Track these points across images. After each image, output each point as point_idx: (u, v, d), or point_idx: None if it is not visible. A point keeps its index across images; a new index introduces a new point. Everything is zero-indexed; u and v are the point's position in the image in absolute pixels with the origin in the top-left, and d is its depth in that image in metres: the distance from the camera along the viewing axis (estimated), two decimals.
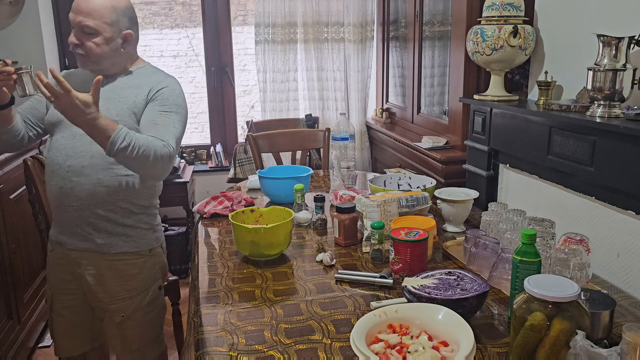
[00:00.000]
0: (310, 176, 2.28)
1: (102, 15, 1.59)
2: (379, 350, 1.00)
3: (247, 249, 1.60)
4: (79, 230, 1.66)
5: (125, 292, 1.70)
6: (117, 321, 1.70)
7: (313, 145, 3.08)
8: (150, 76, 1.72)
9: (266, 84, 3.77)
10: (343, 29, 3.81)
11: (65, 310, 1.76)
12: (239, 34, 4.09)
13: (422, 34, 3.12)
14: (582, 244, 1.34)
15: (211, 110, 4.03)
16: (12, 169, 2.46)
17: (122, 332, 1.73)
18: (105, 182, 1.62)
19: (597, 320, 1.09)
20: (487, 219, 1.65)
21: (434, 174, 2.64)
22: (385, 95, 3.87)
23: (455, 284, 1.22)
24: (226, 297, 1.39)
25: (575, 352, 0.92)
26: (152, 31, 4.00)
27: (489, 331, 1.18)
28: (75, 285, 1.72)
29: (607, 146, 1.56)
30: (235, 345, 1.16)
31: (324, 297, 1.37)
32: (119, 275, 1.69)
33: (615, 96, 1.61)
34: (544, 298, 0.98)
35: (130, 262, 1.70)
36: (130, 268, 1.70)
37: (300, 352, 1.12)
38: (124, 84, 1.69)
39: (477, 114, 2.30)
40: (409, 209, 1.75)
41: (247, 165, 3.53)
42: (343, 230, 1.69)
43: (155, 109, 1.63)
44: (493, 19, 2.15)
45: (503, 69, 2.24)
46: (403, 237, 1.43)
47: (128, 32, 1.66)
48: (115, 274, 1.69)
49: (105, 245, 1.66)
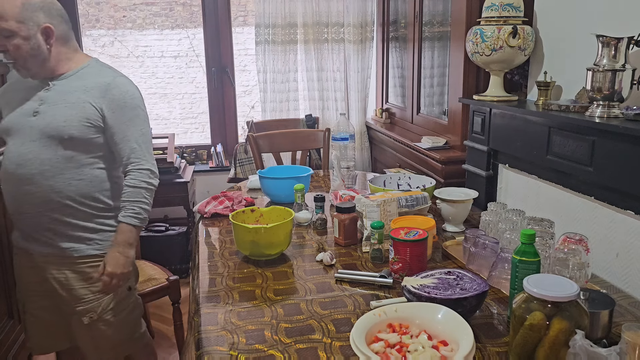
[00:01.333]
0: (310, 176, 2.29)
1: (12, 14, 1.53)
2: (378, 349, 1.01)
3: (248, 249, 1.61)
4: (39, 236, 1.65)
5: (91, 294, 1.69)
6: (85, 323, 1.69)
7: (313, 145, 3.09)
8: (96, 76, 1.66)
9: (266, 84, 3.78)
10: (343, 30, 3.81)
11: (39, 311, 1.75)
12: (240, 35, 4.10)
13: (422, 35, 3.12)
14: (582, 244, 1.34)
15: (212, 111, 4.03)
16: None
17: (91, 333, 1.72)
18: (57, 188, 1.60)
19: (596, 320, 1.10)
20: (486, 218, 1.65)
21: (433, 174, 2.64)
22: (385, 95, 3.87)
23: (455, 284, 1.22)
24: (226, 296, 1.39)
25: (574, 351, 0.92)
26: (152, 32, 4.01)
27: (489, 330, 1.19)
28: (45, 287, 1.70)
29: (606, 146, 1.56)
30: (235, 344, 1.16)
31: (324, 297, 1.37)
32: (84, 278, 1.68)
33: (615, 96, 1.62)
34: (543, 298, 0.98)
35: (95, 265, 1.68)
36: (95, 270, 1.67)
37: (300, 352, 1.12)
38: (69, 87, 1.64)
39: (476, 114, 2.30)
40: (409, 208, 1.75)
41: (248, 165, 3.54)
42: (343, 230, 1.70)
43: (120, 120, 1.63)
44: (492, 20, 2.15)
45: (502, 69, 2.24)
46: (403, 237, 1.43)
47: (46, 26, 1.58)
48: (80, 277, 1.68)
49: (69, 249, 1.65)
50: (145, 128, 1.70)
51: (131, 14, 3.95)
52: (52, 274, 1.67)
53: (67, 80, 1.65)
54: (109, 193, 1.70)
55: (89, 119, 1.61)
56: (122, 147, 1.65)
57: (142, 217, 1.66)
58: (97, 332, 1.71)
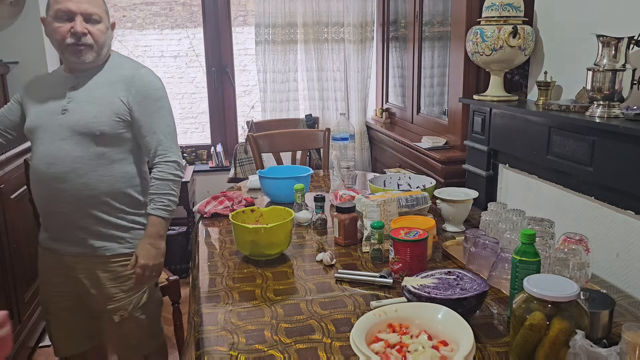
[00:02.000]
0: (310, 176, 2.29)
1: (100, 5, 1.63)
2: (378, 349, 1.01)
3: (248, 249, 1.61)
4: (70, 235, 1.65)
5: (122, 292, 1.70)
6: (116, 321, 1.70)
7: (313, 145, 3.09)
8: (118, 69, 1.70)
9: (266, 84, 3.78)
10: (343, 30, 3.81)
11: (61, 312, 1.75)
12: (239, 34, 4.10)
13: (422, 34, 3.12)
14: (582, 244, 1.34)
15: (211, 111, 4.03)
16: (13, 168, 2.46)
17: (121, 331, 1.73)
18: (90, 185, 1.61)
19: (596, 320, 1.10)
20: (486, 218, 1.65)
21: (433, 174, 2.64)
22: (385, 95, 3.87)
23: (455, 284, 1.22)
24: (226, 296, 1.39)
25: (574, 351, 0.92)
26: (152, 31, 4.01)
27: (489, 331, 1.19)
28: (69, 288, 1.71)
29: (607, 146, 1.56)
30: (235, 344, 1.16)
31: (324, 297, 1.37)
32: (115, 277, 1.69)
33: (615, 96, 1.62)
34: (544, 298, 0.98)
35: (126, 263, 1.69)
36: (125, 269, 1.69)
37: (300, 352, 1.12)
38: (95, 82, 1.66)
39: (476, 114, 2.30)
40: (409, 208, 1.75)
41: (248, 165, 3.53)
42: (343, 230, 1.70)
43: (146, 112, 1.66)
44: (492, 20, 2.15)
45: (502, 69, 2.24)
46: (403, 237, 1.43)
47: (113, 22, 1.70)
48: (111, 276, 1.68)
49: (101, 248, 1.66)
50: (170, 120, 1.72)
51: (131, 14, 3.95)
52: (83, 274, 1.67)
53: (92, 74, 1.67)
54: (139, 188, 1.73)
55: (118, 114, 1.63)
56: (149, 139, 1.67)
57: (170, 209, 1.68)
58: (127, 329, 1.72)
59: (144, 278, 1.66)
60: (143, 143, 1.69)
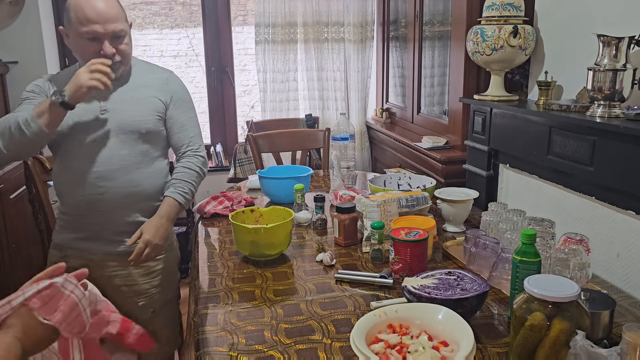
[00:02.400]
0: (310, 176, 2.28)
1: (119, 14, 1.57)
2: (379, 350, 1.00)
3: (247, 249, 1.60)
4: (106, 235, 1.64)
5: (153, 288, 1.72)
6: (146, 317, 1.68)
7: (313, 145, 3.08)
8: (149, 73, 1.74)
9: (266, 84, 3.77)
10: (343, 29, 3.81)
11: None
12: (239, 34, 4.09)
13: (422, 34, 3.12)
14: (582, 244, 1.34)
15: (211, 110, 4.03)
16: (12, 168, 2.46)
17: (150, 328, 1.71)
18: (136, 182, 1.64)
19: (597, 320, 1.09)
20: (487, 219, 1.65)
21: (434, 174, 2.64)
22: (385, 95, 3.87)
23: (455, 284, 1.22)
24: (226, 297, 1.39)
25: (575, 352, 0.92)
26: (152, 31, 4.00)
27: (489, 331, 1.19)
28: None
29: (607, 146, 1.56)
30: (235, 345, 1.16)
31: (324, 297, 1.37)
32: (147, 272, 1.70)
33: (615, 96, 1.61)
34: (544, 298, 0.98)
35: (159, 258, 1.71)
36: (155, 264, 1.71)
37: (300, 352, 1.12)
38: (131, 85, 1.68)
39: (477, 114, 2.30)
40: (409, 209, 1.75)
41: (247, 165, 3.53)
42: (343, 230, 1.69)
43: (179, 111, 1.74)
44: (493, 19, 2.15)
45: (503, 69, 2.24)
46: (403, 237, 1.43)
47: (130, 22, 1.66)
48: (143, 271, 1.70)
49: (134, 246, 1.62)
50: (197, 120, 1.81)
51: (130, 14, 3.95)
52: (114, 272, 1.67)
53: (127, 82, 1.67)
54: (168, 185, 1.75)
55: (159, 112, 1.69)
56: (180, 136, 1.73)
57: (187, 198, 1.70)
58: (157, 325, 1.72)
59: (143, 255, 1.60)
60: (173, 140, 1.74)
